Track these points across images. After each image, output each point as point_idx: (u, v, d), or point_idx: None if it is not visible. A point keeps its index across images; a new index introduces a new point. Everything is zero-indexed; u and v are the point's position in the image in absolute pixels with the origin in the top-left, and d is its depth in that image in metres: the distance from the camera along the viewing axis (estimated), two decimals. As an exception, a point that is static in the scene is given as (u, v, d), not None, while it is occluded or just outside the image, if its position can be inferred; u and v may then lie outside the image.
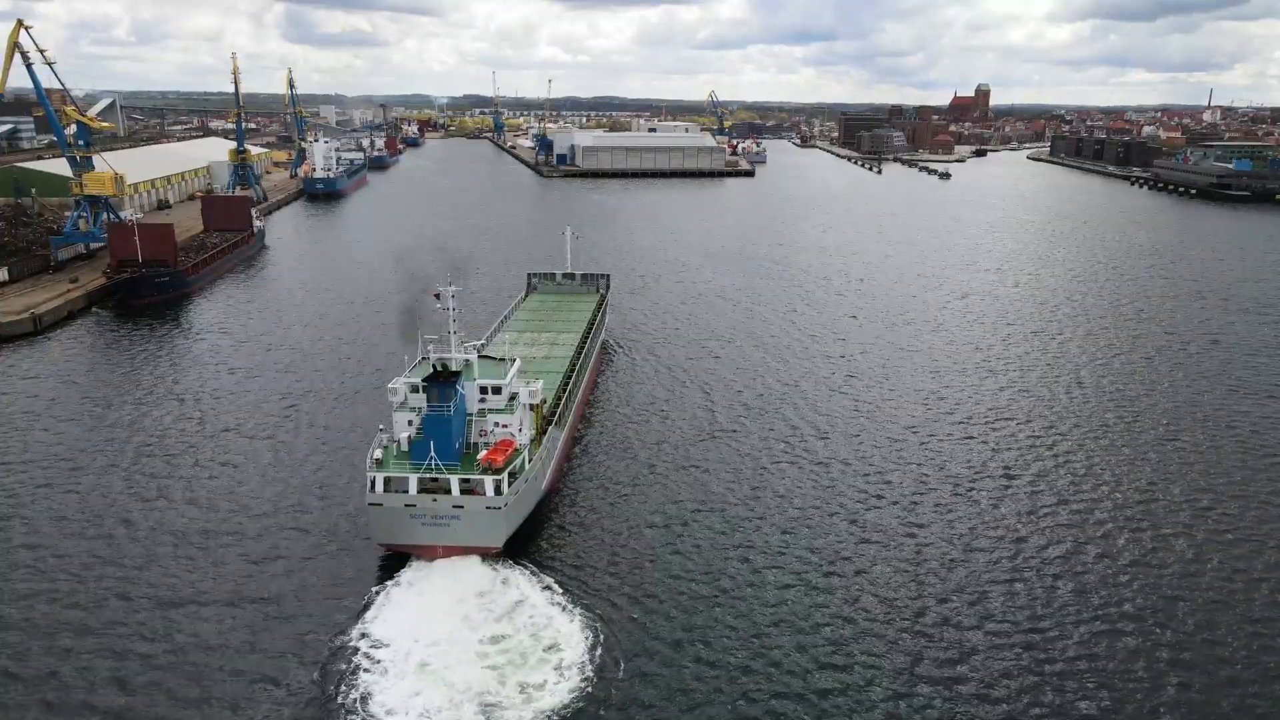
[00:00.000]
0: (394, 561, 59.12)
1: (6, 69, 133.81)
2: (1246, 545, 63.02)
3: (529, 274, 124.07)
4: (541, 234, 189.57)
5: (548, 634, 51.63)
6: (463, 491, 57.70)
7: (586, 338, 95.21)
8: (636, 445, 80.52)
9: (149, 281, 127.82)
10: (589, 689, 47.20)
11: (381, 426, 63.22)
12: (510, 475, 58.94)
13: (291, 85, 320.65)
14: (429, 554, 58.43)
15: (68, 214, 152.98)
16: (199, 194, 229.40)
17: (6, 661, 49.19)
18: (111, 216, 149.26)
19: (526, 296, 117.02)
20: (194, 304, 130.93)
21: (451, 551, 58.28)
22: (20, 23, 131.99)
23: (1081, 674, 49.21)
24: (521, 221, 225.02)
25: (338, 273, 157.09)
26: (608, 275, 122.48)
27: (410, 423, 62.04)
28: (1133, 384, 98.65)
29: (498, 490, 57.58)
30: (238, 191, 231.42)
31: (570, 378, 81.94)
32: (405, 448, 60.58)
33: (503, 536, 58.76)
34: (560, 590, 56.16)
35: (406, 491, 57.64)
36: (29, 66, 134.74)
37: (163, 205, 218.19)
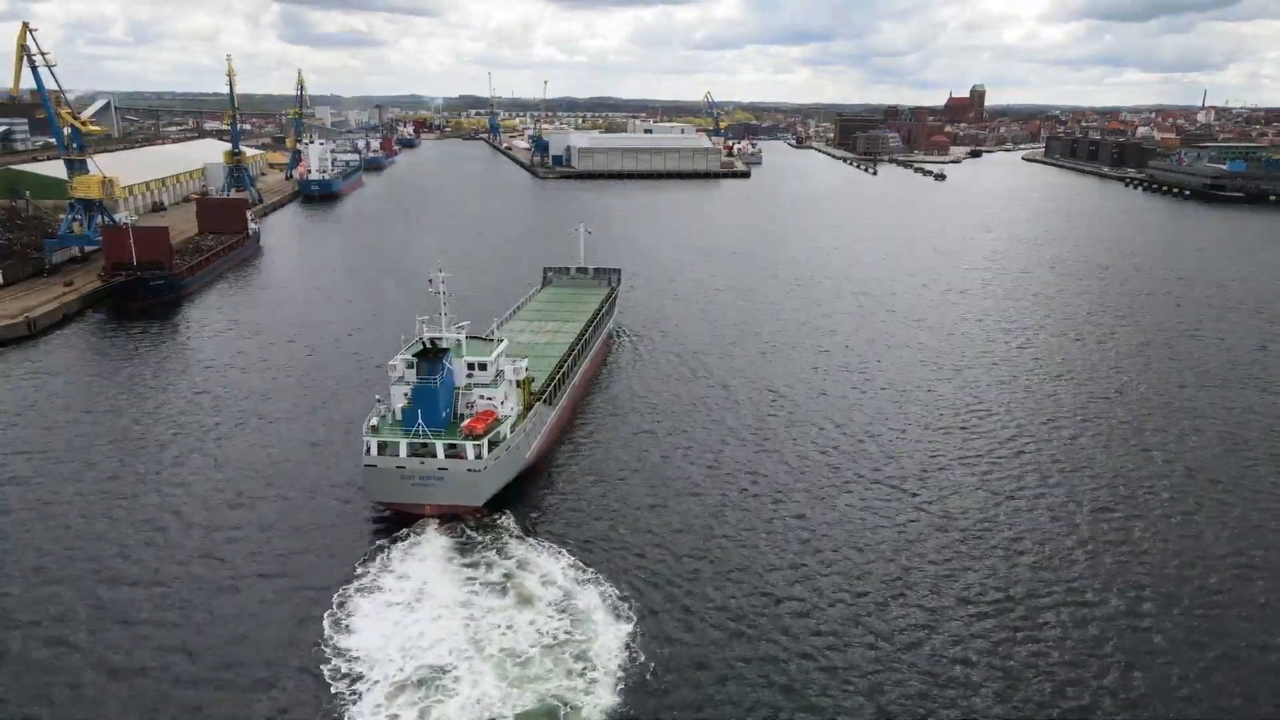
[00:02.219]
0: (393, 527, 63.14)
1: (18, 71, 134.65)
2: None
3: (545, 268, 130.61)
4: (539, 236, 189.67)
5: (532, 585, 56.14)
6: (447, 455, 63.62)
7: (589, 326, 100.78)
8: (633, 424, 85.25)
9: (144, 284, 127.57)
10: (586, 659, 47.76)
11: (379, 397, 69.95)
12: (491, 442, 64.72)
13: (301, 87, 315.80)
14: (417, 512, 64.37)
15: (62, 216, 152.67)
16: (194, 196, 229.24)
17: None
18: (106, 219, 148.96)
19: (542, 289, 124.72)
20: (189, 307, 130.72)
21: (437, 510, 64.18)
22: (26, 25, 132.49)
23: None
24: (516, 223, 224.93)
25: (334, 274, 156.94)
26: (619, 270, 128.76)
27: (405, 394, 67.78)
28: (1115, 375, 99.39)
29: (478, 455, 63.51)
30: (233, 193, 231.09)
31: (566, 362, 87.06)
32: (399, 416, 66.97)
33: (483, 497, 64.69)
34: (544, 550, 60.39)
35: (398, 454, 63.67)
36: (34, 69, 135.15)
37: (158, 207, 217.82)
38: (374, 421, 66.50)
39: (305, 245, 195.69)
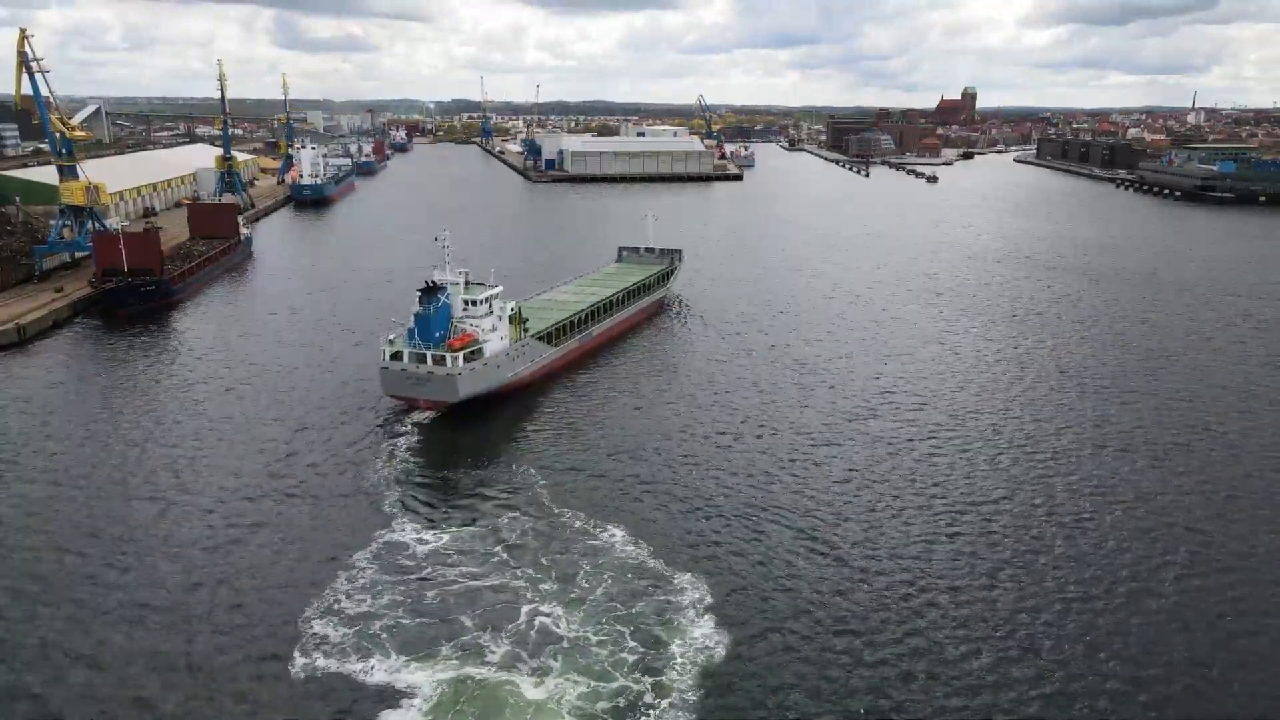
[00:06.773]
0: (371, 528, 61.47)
1: (19, 78, 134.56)
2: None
3: (619, 247, 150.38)
4: (532, 240, 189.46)
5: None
6: (434, 363, 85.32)
7: (621, 292, 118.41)
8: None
9: (134, 290, 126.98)
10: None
11: (394, 319, 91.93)
12: (466, 357, 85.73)
13: (284, 91, 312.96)
14: (414, 403, 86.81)
15: (52, 223, 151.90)
16: (185, 201, 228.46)
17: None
18: (97, 225, 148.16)
19: (613, 263, 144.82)
20: (180, 312, 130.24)
21: (427, 404, 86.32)
22: (23, 31, 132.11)
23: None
24: (509, 225, 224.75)
25: (326, 277, 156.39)
26: (680, 250, 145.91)
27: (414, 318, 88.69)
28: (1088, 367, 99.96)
29: (454, 364, 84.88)
30: (224, 198, 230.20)
31: (580, 315, 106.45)
32: (405, 335, 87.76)
33: (458, 396, 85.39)
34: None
35: (401, 361, 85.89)
36: (31, 74, 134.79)
37: (149, 213, 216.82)
38: (391, 337, 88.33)
39: (296, 250, 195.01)
